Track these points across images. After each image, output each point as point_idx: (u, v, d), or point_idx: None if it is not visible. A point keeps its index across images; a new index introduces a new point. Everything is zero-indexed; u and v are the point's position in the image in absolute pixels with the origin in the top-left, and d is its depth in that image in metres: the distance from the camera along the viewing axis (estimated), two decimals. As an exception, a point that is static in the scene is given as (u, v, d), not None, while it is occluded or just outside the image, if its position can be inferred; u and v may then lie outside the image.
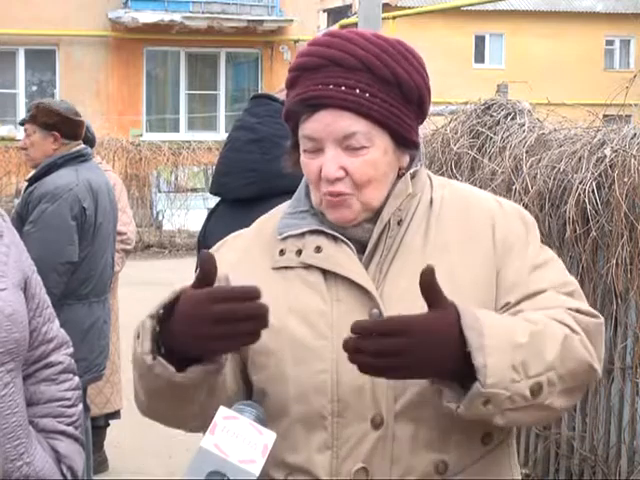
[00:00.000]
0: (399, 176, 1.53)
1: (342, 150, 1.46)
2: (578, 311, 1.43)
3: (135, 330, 1.42)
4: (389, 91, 1.46)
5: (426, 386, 1.39)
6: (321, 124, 1.46)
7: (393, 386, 1.41)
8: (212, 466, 1.26)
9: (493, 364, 1.31)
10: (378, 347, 1.30)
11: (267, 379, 1.50)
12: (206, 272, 1.38)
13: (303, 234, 1.54)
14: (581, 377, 1.41)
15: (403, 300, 1.44)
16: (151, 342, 1.38)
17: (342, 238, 1.50)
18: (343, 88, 1.44)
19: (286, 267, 1.53)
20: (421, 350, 1.31)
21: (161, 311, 1.38)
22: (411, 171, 1.52)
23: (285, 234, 1.55)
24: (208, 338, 1.33)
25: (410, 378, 1.38)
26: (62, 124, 3.81)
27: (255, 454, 1.27)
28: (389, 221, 1.50)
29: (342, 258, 1.49)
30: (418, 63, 1.51)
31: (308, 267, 1.51)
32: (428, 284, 1.34)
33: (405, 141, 1.51)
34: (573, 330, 1.40)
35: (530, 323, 1.38)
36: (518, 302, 1.45)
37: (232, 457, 1.26)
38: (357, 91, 1.44)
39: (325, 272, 1.50)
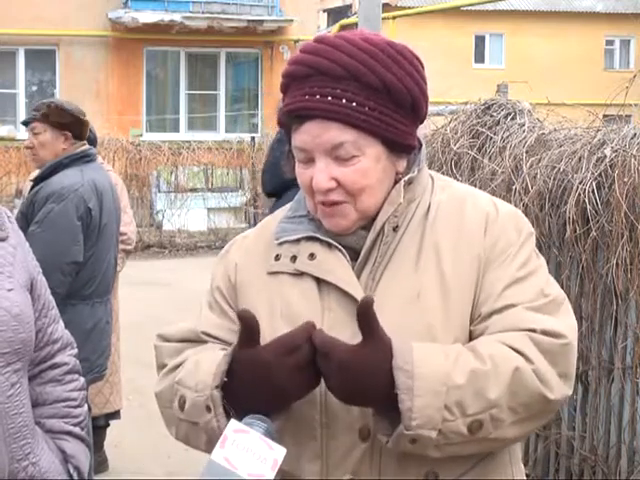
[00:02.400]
0: (397, 181, 1.51)
1: (332, 160, 1.45)
2: (544, 332, 1.39)
3: (195, 400, 1.43)
4: (377, 98, 1.44)
5: None
6: (309, 135, 1.45)
7: None
8: (221, 479, 1.25)
9: (421, 406, 1.30)
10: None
11: None
12: (250, 330, 1.40)
13: (298, 240, 1.53)
14: (535, 408, 1.38)
15: (394, 310, 1.42)
16: (225, 414, 1.39)
17: (336, 245, 1.50)
18: (329, 98, 1.43)
19: (281, 272, 1.53)
20: (340, 377, 1.33)
21: (225, 379, 1.40)
22: (406, 178, 1.50)
23: (281, 239, 1.55)
24: (294, 388, 1.38)
25: (346, 402, 1.38)
26: (74, 125, 3.83)
27: (265, 469, 1.27)
28: (383, 228, 1.49)
29: (334, 265, 1.48)
30: (411, 65, 1.48)
31: (302, 274, 1.50)
32: (364, 316, 1.34)
33: (399, 146, 1.49)
34: (528, 359, 1.37)
35: (476, 359, 1.36)
36: (489, 315, 1.44)
37: (241, 471, 1.26)
38: (344, 101, 1.43)
39: (319, 279, 1.49)
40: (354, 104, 1.43)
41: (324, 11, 27.33)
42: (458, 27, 24.88)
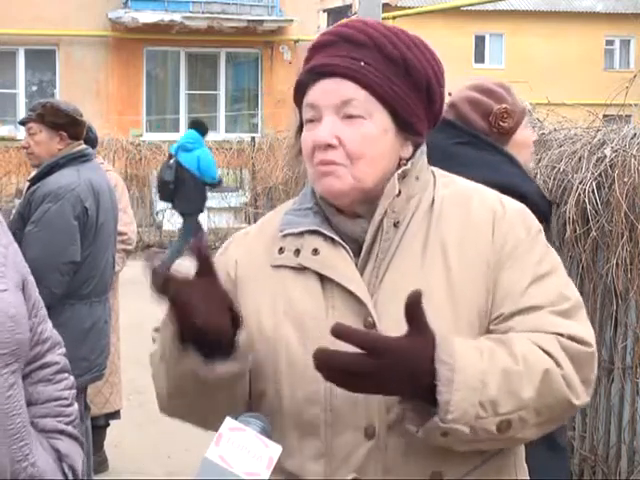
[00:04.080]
0: (399, 167, 1.50)
1: (340, 119, 1.46)
2: (570, 338, 1.39)
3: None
4: (396, 72, 1.47)
5: None
6: (323, 91, 1.48)
7: (386, 397, 1.39)
8: (216, 477, 1.24)
9: (458, 400, 1.29)
10: (349, 365, 1.29)
11: (264, 384, 1.49)
12: (202, 261, 1.38)
13: (302, 233, 1.52)
14: (558, 412, 1.39)
15: (398, 308, 1.41)
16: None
17: (339, 240, 1.49)
18: (349, 59, 1.47)
19: (284, 266, 1.52)
20: (389, 373, 1.30)
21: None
22: (399, 171, 1.49)
23: (285, 231, 1.54)
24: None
25: (376, 394, 1.36)
26: (70, 125, 3.83)
27: (260, 467, 1.26)
28: (382, 223, 1.47)
29: (338, 262, 1.47)
30: (431, 56, 1.52)
31: (305, 269, 1.49)
32: (413, 309, 1.32)
33: (407, 126, 1.50)
34: (557, 363, 1.37)
35: (511, 358, 1.35)
36: (512, 315, 1.42)
37: (237, 469, 1.25)
38: (362, 63, 1.47)
39: (322, 275, 1.48)
40: (371, 68, 1.47)
41: (324, 11, 27.26)
42: (458, 27, 24.87)
